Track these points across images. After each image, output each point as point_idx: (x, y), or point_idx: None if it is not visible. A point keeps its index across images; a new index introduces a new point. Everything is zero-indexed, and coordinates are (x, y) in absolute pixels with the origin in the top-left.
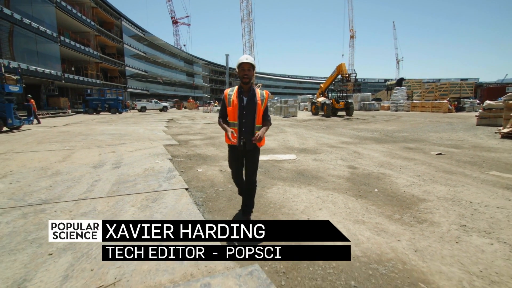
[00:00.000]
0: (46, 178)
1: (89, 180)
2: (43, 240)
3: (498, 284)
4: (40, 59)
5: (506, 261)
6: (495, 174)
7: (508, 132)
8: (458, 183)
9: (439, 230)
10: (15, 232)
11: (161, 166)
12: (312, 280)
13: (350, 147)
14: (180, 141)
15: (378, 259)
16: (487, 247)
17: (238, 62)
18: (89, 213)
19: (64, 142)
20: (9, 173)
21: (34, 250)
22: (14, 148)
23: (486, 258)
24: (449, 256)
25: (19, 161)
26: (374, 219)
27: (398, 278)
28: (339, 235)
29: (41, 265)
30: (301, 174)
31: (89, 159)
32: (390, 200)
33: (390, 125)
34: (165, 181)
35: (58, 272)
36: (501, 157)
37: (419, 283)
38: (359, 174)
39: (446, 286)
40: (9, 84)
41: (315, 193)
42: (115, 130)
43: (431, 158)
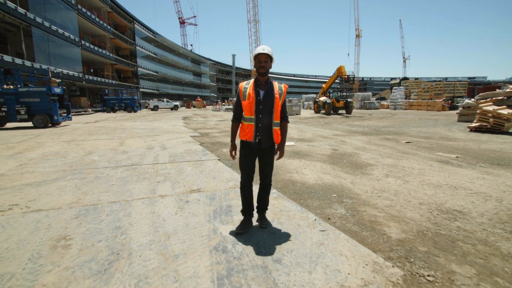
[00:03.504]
0: (120, 154)
1: (152, 155)
2: (146, 179)
3: (387, 192)
4: (64, 62)
5: (398, 186)
6: (438, 154)
7: (475, 126)
8: (405, 158)
9: (371, 177)
10: (129, 175)
11: (195, 148)
12: (294, 193)
13: (339, 137)
14: (201, 133)
15: (330, 184)
16: (392, 182)
17: (254, 53)
18: (164, 169)
19: (109, 134)
20: (90, 152)
21: (147, 181)
22: (75, 138)
23: (388, 186)
24: (368, 185)
25: (88, 145)
26: (335, 173)
27: (337, 190)
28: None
29: (156, 184)
30: (296, 153)
31: (139, 144)
32: (351, 165)
33: (382, 122)
34: (203, 156)
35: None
36: (455, 144)
37: (345, 191)
38: (338, 153)
39: (360, 192)
40: (53, 86)
41: (303, 162)
42: (143, 125)
43: (399, 145)
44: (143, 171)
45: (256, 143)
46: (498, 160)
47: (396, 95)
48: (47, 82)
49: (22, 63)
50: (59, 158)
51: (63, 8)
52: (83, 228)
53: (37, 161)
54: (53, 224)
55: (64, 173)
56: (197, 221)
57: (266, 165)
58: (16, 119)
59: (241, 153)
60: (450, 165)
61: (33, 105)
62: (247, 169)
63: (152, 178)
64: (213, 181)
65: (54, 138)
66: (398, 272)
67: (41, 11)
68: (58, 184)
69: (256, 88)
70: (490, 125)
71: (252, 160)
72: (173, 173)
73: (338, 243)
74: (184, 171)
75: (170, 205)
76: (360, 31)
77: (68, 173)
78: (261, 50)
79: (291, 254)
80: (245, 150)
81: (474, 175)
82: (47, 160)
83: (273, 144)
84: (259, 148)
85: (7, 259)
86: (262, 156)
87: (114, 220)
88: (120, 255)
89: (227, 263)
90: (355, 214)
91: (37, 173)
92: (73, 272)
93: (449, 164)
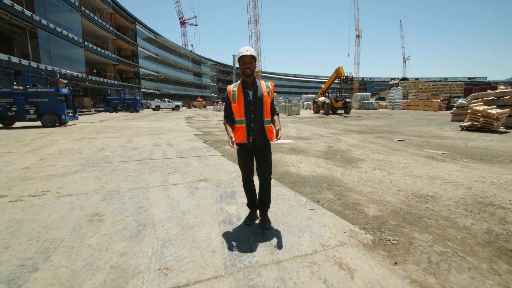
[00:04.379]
0: (130, 150)
1: (160, 151)
2: (158, 171)
3: (371, 182)
4: (68, 63)
5: (383, 177)
6: (426, 150)
7: (466, 126)
8: (394, 154)
9: (359, 169)
10: (142, 168)
11: (199, 145)
12: (289, 182)
13: (335, 136)
14: (204, 132)
15: (322, 175)
16: (378, 174)
17: (238, 55)
18: (172, 163)
19: (116, 133)
20: (102, 148)
21: (159, 172)
22: (85, 136)
23: (374, 176)
24: (356, 176)
25: (99, 143)
26: (328, 166)
27: (328, 180)
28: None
29: (167, 175)
30: (294, 150)
31: (147, 142)
32: (343, 160)
33: (378, 121)
34: (207, 152)
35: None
36: (445, 142)
37: (335, 181)
38: (332, 150)
39: (348, 182)
40: (61, 87)
41: (300, 157)
42: (147, 125)
43: (391, 142)
44: (154, 165)
45: (250, 143)
46: (480, 156)
47: (394, 95)
48: (55, 83)
49: (29, 64)
50: (74, 154)
51: (67, 10)
52: (111, 207)
53: (55, 156)
54: (85, 205)
55: (82, 166)
56: (206, 202)
57: (263, 162)
58: (25, 118)
59: (238, 154)
60: (435, 160)
61: (42, 105)
62: (246, 169)
63: (163, 170)
64: (218, 173)
65: (65, 136)
66: (369, 237)
67: (46, 13)
68: (80, 175)
69: (244, 89)
70: (480, 124)
71: (250, 160)
72: (181, 166)
73: (323, 218)
74: (191, 164)
75: (182, 191)
76: (360, 31)
77: (86, 166)
78: (245, 52)
79: (285, 225)
80: (241, 151)
81: (454, 168)
82: (64, 155)
83: (267, 142)
84: (254, 147)
85: (54, 229)
86: (258, 154)
87: (136, 202)
88: (146, 226)
89: (232, 231)
90: (341, 198)
91: (58, 166)
92: (111, 237)
93: (434, 159)
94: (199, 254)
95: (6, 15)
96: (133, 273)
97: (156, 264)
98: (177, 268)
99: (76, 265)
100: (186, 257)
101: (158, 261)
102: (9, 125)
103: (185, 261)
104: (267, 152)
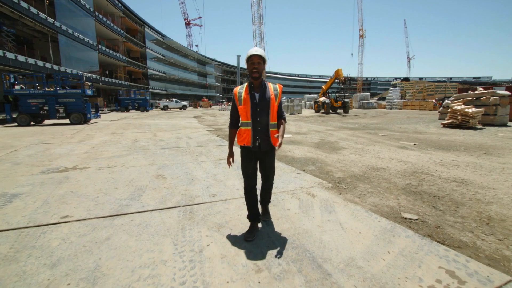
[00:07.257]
0: (159, 141)
1: (183, 142)
2: (188, 154)
3: (345, 161)
4: (84, 65)
5: (355, 158)
6: (402, 142)
7: (447, 123)
8: (373, 144)
9: (340, 154)
10: (175, 153)
11: (214, 138)
12: (285, 161)
13: (329, 131)
14: (215, 128)
15: (310, 157)
16: (353, 157)
17: (247, 55)
18: (196, 150)
19: (139, 129)
20: (136, 140)
21: (189, 155)
22: (114, 131)
23: (349, 158)
24: (335, 158)
25: (130, 136)
26: (317, 152)
27: (313, 160)
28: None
29: (196, 156)
30: (292, 142)
31: (169, 136)
32: (330, 148)
33: (372, 120)
34: (221, 143)
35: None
36: (422, 137)
37: (319, 161)
38: (323, 142)
39: (328, 161)
40: (86, 88)
41: (296, 147)
42: (162, 123)
43: (375, 137)
44: (183, 151)
45: (255, 147)
46: (443, 147)
47: (392, 95)
48: (82, 85)
49: (51, 67)
50: (116, 144)
51: (83, 15)
52: (167, 172)
53: (102, 145)
54: (149, 171)
55: (129, 151)
56: (228, 170)
57: (268, 167)
58: (56, 116)
59: (242, 158)
60: (404, 149)
61: (70, 105)
62: (249, 174)
63: (191, 154)
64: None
65: (98, 132)
66: (330, 185)
67: (65, 19)
68: (132, 156)
69: (251, 91)
70: (458, 122)
71: (254, 165)
72: (204, 152)
73: (305, 177)
74: (211, 150)
75: (210, 165)
76: (364, 31)
77: (132, 151)
78: (254, 52)
79: (280, 179)
80: (246, 155)
81: (415, 154)
82: (109, 145)
83: (272, 148)
84: (259, 152)
85: (136, 181)
86: (263, 159)
87: (182, 169)
88: (194, 180)
89: None
90: (319, 169)
91: (110, 152)
92: (175, 184)
93: (404, 148)
94: (229, 190)
95: (31, 22)
96: (196, 195)
97: (207, 193)
98: (218, 194)
99: (162, 193)
100: (222, 191)
101: (207, 192)
102: (40, 122)
103: (222, 192)
104: (272, 159)
